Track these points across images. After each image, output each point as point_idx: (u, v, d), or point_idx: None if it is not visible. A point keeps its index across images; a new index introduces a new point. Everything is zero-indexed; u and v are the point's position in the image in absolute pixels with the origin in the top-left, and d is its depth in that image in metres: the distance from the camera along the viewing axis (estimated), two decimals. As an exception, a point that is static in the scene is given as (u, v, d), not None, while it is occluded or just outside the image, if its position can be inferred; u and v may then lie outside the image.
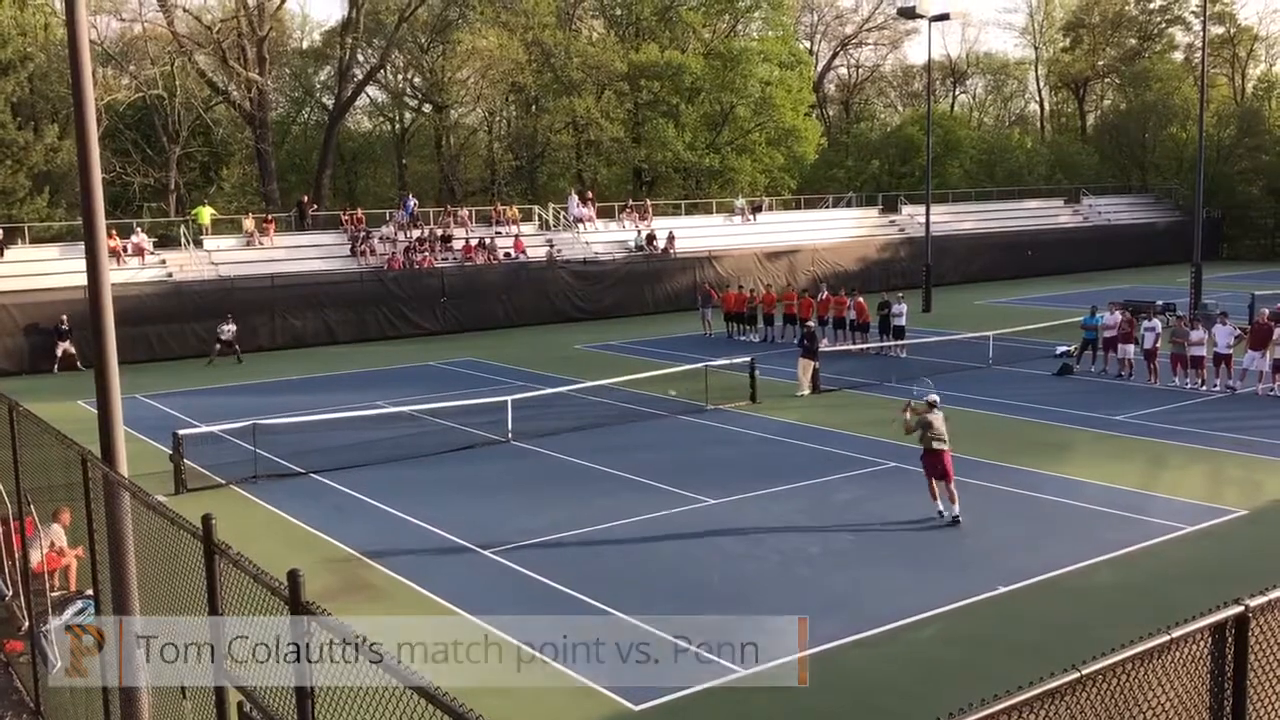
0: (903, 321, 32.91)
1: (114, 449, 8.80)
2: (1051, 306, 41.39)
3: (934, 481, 16.70)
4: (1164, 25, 78.69)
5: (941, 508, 16.63)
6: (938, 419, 16.71)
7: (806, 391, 26.93)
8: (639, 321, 42.47)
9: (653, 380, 26.95)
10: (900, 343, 32.59)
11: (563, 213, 47.96)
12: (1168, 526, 16.19)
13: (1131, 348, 28.06)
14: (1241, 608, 4.59)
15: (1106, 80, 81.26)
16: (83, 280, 9.54)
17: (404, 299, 39.93)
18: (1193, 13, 75.55)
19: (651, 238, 46.46)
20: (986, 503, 17.70)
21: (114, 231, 35.41)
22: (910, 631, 12.67)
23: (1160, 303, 35.15)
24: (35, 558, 11.77)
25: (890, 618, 12.96)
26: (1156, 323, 28.17)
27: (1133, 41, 78.72)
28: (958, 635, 12.62)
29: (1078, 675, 3.91)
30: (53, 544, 12.78)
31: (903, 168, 66.43)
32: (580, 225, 47.13)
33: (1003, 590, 13.78)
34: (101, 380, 8.87)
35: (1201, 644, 4.50)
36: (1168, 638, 4.27)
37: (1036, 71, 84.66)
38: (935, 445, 16.49)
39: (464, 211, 46.12)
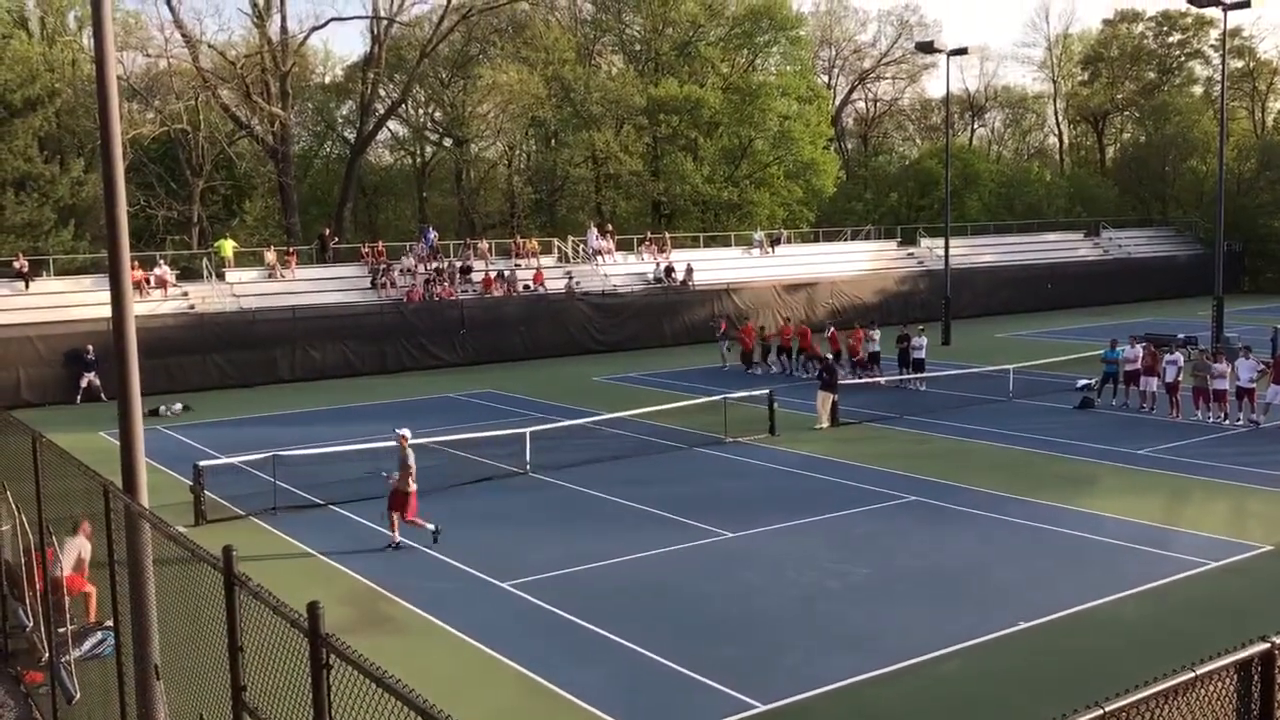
0: (923, 354, 32.85)
1: (135, 480, 8.85)
2: (1071, 340, 41.21)
3: (397, 515, 17.62)
4: (1183, 59, 78.77)
5: (400, 537, 17.57)
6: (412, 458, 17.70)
7: (825, 425, 26.86)
8: (657, 354, 42.49)
9: (671, 413, 26.97)
10: (919, 375, 32.49)
11: (582, 245, 48.16)
12: (1191, 562, 16.04)
13: (1154, 381, 27.90)
14: (1268, 645, 4.54)
15: (1126, 113, 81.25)
16: (107, 312, 9.63)
17: (423, 331, 40.10)
18: (1212, 46, 75.62)
19: (670, 270, 46.58)
20: (1008, 537, 17.58)
21: (137, 264, 35.74)
22: (930, 667, 12.55)
23: (1182, 336, 34.98)
24: (67, 565, 11.85)
25: (910, 653, 12.85)
26: (1179, 356, 28.02)
27: (1152, 75, 78.78)
28: (979, 671, 12.50)
29: (1100, 712, 3.87)
30: (79, 557, 12.65)
31: (921, 200, 66.46)
32: (599, 258, 47.30)
33: (1024, 625, 13.65)
34: (124, 411, 8.93)
35: (1227, 681, 4.45)
36: (1192, 675, 4.22)
37: (1055, 105, 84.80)
38: (412, 485, 17.52)
39: (483, 244, 46.36)
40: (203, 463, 20.00)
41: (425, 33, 58.38)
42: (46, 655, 10.76)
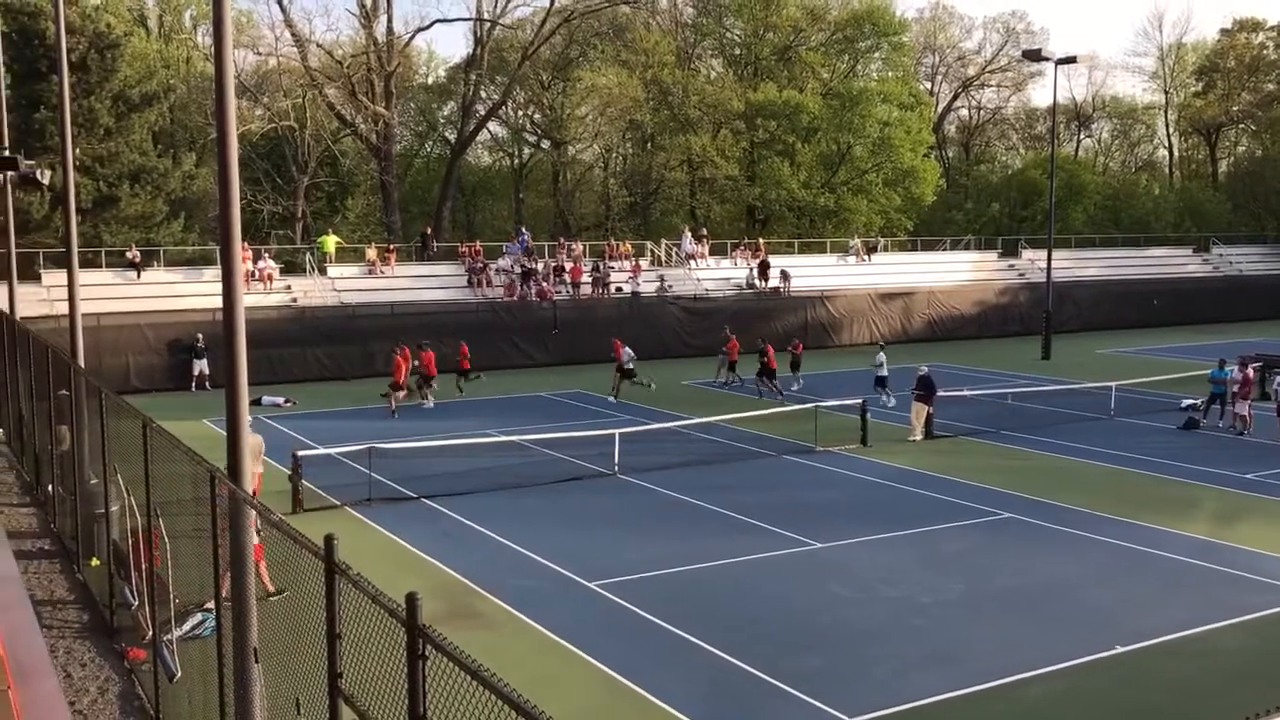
0: (884, 372, 31.89)
1: (240, 468, 9.07)
2: (1177, 358, 40.02)
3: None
4: (1305, 70, 76.00)
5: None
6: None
7: (919, 436, 26.48)
8: (748, 359, 42.20)
9: (761, 419, 26.86)
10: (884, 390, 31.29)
11: (675, 249, 48.20)
12: (1300, 592, 15.44)
13: (1245, 403, 27.01)
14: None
15: (1241, 126, 78.61)
16: (212, 303, 9.90)
17: (516, 330, 40.53)
18: (1336, 57, 72.88)
19: (766, 266, 46.23)
20: (1104, 558, 17.13)
21: (247, 248, 36.78)
22: (1020, 688, 12.29)
23: (1295, 358, 33.71)
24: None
25: (1000, 673, 12.60)
26: (1291, 378, 27.04)
27: (1271, 86, 76.01)
28: (1071, 695, 12.20)
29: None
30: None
31: (1024, 211, 65.15)
32: (691, 262, 47.29)
33: (1121, 650, 13.29)
34: (231, 400, 9.17)
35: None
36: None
37: (1166, 116, 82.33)
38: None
39: (578, 246, 46.68)
40: (301, 453, 20.47)
41: (527, 35, 59.10)
42: (150, 633, 11.10)
